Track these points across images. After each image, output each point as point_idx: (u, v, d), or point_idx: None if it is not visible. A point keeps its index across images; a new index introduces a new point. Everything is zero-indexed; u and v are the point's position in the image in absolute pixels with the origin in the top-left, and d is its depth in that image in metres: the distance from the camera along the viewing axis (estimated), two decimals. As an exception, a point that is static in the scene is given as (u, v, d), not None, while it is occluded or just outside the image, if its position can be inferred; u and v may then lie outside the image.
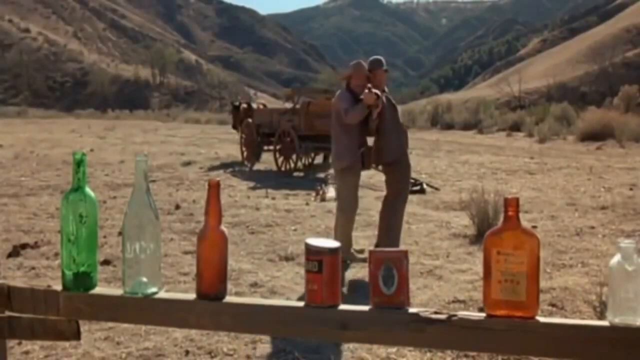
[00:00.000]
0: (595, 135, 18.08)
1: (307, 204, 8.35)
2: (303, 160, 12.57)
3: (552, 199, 8.58)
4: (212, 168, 12.98)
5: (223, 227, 1.59)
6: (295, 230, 6.84)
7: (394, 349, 3.55)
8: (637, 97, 27.39)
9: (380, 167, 5.81)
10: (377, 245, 5.37)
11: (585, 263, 5.37)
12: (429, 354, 3.53)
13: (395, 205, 5.47)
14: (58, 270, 2.80)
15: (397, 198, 5.49)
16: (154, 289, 1.62)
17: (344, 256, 4.21)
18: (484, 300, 1.47)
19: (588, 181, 10.21)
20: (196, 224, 6.77)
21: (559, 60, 76.09)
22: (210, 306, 1.57)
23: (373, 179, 9.62)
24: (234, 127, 15.88)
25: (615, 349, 1.35)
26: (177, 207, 7.99)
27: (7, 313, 1.70)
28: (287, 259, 5.62)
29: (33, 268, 5.22)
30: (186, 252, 5.67)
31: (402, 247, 5.44)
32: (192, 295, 1.61)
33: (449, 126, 26.71)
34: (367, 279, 1.69)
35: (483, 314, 1.45)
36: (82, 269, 1.63)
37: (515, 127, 23.82)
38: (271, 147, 12.63)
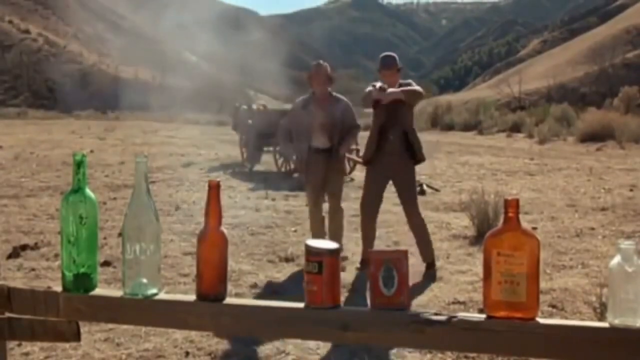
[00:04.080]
0: (595, 136, 18.04)
1: (307, 205, 8.34)
2: (303, 161, 12.55)
3: (552, 200, 8.58)
4: (212, 169, 12.97)
5: (223, 228, 1.59)
6: (295, 231, 6.84)
7: (394, 350, 3.56)
8: (637, 98, 27.37)
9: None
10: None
11: (586, 264, 5.37)
12: (429, 355, 3.54)
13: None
14: (58, 272, 2.80)
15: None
16: (153, 290, 1.62)
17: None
18: (484, 301, 1.47)
19: (588, 182, 10.21)
20: (196, 225, 6.77)
21: (559, 61, 76.08)
22: (210, 307, 1.57)
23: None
24: (235, 128, 15.88)
25: (616, 350, 1.35)
26: (177, 208, 7.99)
27: (7, 314, 1.70)
28: (287, 260, 5.63)
29: (33, 269, 5.22)
30: (186, 253, 5.67)
31: (401, 247, 5.45)
32: (192, 297, 1.61)
33: (449, 127, 26.65)
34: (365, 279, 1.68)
35: (483, 315, 1.45)
36: (82, 270, 1.63)
37: (515, 128, 23.76)
38: (271, 148, 12.63)
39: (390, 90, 5.08)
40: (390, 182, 5.40)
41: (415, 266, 5.08)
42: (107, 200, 8.59)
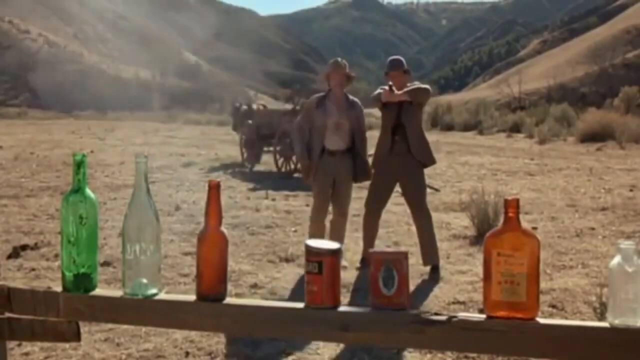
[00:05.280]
0: (595, 137, 18.04)
1: (307, 205, 8.34)
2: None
3: (552, 200, 8.58)
4: (212, 169, 12.98)
5: (223, 228, 1.59)
6: (295, 231, 6.84)
7: (394, 350, 3.55)
8: (637, 98, 27.37)
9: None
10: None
11: (586, 264, 5.37)
12: (429, 355, 3.54)
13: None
14: (58, 272, 2.79)
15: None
16: (154, 290, 1.62)
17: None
18: (484, 301, 1.47)
19: (588, 182, 10.21)
20: (196, 225, 6.76)
21: (558, 61, 76.07)
22: (210, 307, 1.57)
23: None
24: (235, 128, 15.90)
25: (616, 350, 1.35)
26: (177, 208, 7.98)
27: (7, 314, 1.70)
28: (287, 260, 5.63)
29: (33, 269, 5.22)
30: (186, 254, 5.67)
31: (401, 248, 5.45)
32: (192, 297, 1.61)
33: (449, 127, 26.66)
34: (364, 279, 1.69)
35: (483, 315, 1.45)
36: (82, 270, 1.63)
37: (515, 128, 23.77)
38: (271, 149, 12.63)
39: (397, 92, 5.09)
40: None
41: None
42: (107, 200, 8.59)
